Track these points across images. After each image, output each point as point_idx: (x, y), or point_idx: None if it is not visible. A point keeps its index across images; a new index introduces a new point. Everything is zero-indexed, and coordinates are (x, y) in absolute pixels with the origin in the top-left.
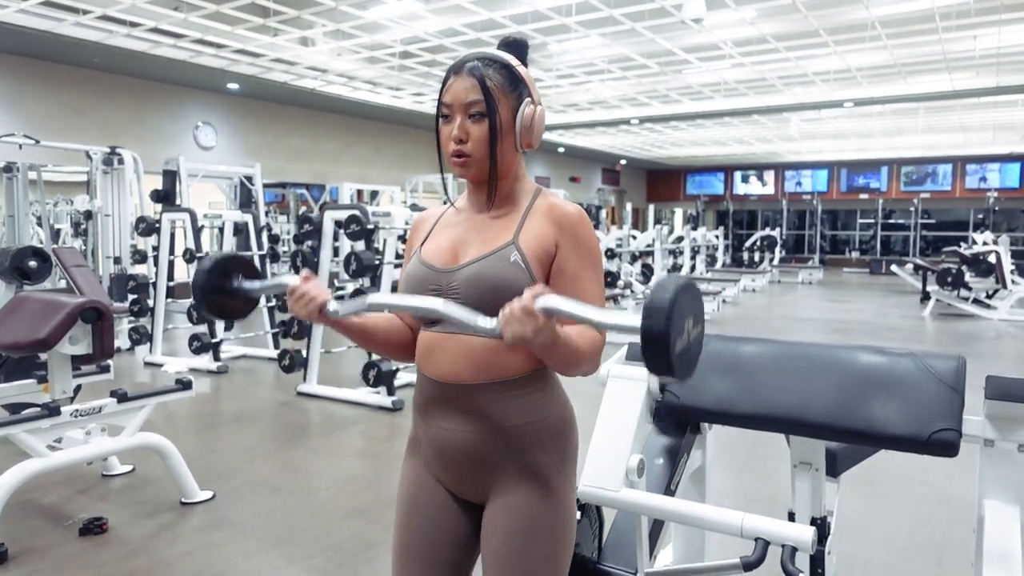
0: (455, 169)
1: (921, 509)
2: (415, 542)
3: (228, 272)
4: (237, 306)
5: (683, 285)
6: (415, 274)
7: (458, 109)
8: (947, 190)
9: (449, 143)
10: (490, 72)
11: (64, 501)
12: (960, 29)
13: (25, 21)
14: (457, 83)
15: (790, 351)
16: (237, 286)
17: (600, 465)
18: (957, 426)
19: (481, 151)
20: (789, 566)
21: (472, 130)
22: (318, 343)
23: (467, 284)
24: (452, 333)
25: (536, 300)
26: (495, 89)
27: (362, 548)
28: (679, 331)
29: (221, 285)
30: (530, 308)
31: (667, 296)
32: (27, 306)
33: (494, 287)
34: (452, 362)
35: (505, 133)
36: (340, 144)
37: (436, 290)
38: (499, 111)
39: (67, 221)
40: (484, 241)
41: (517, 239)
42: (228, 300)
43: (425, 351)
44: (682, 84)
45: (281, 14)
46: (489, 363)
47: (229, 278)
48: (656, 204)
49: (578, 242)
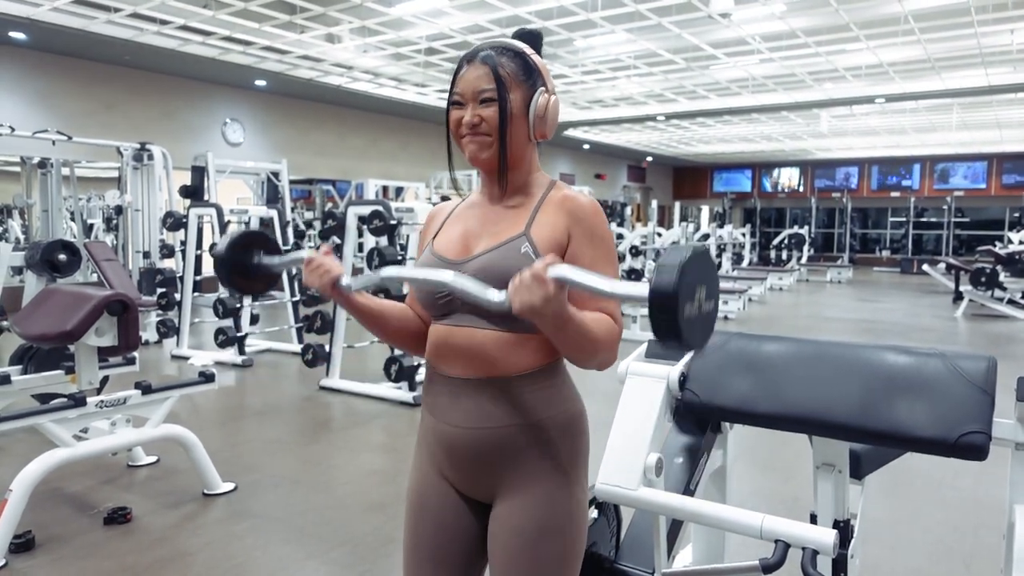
0: (469, 147)
1: (949, 514)
2: (425, 543)
3: (249, 247)
4: (258, 280)
5: (695, 251)
6: (426, 265)
7: (470, 98)
8: (982, 188)
9: (460, 129)
10: (503, 60)
11: (89, 490)
12: (996, 23)
13: (58, 19)
14: (469, 72)
15: (814, 350)
16: (258, 261)
17: (618, 463)
18: (987, 429)
19: (491, 135)
20: (810, 569)
21: (484, 114)
22: (341, 338)
23: (477, 274)
24: (462, 327)
25: (547, 268)
26: (507, 77)
27: (381, 543)
28: (688, 295)
29: (242, 259)
30: (540, 275)
31: (677, 259)
32: (55, 298)
33: (504, 277)
34: (462, 357)
35: (517, 119)
36: (366, 140)
37: None
38: (510, 98)
39: (99, 216)
40: (496, 233)
41: (529, 230)
42: (249, 274)
43: (435, 345)
44: (709, 80)
45: (308, 11)
46: (499, 359)
47: (250, 253)
48: (682, 201)
49: (592, 233)
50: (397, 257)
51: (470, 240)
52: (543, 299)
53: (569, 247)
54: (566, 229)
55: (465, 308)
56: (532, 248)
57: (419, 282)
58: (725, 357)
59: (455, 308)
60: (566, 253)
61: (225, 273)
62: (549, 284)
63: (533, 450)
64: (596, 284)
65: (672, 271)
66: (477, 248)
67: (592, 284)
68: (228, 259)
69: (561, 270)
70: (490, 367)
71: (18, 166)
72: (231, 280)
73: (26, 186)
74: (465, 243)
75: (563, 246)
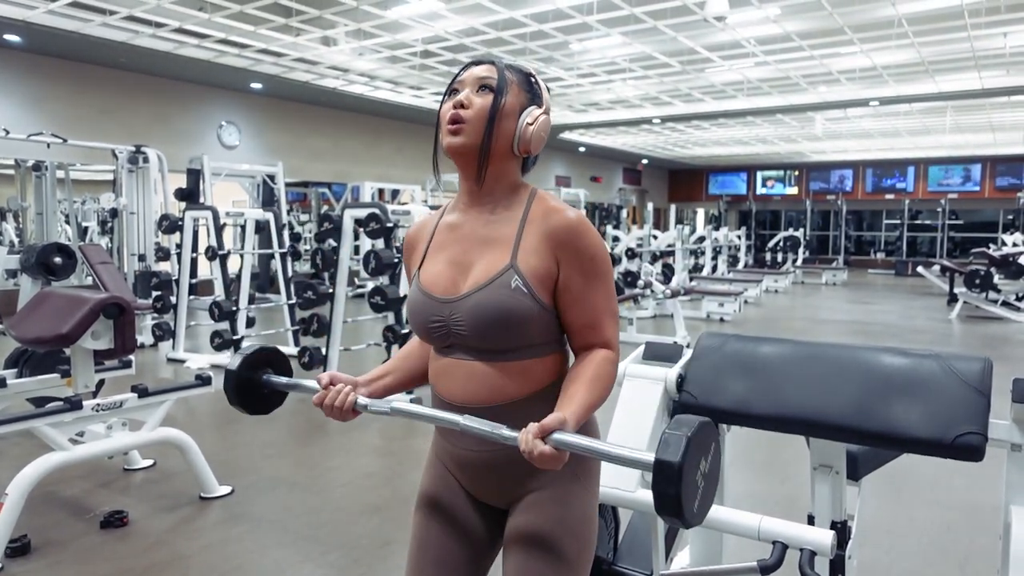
0: (449, 137)
1: (945, 514)
2: (434, 544)
3: (257, 366)
4: (266, 400)
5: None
6: (416, 303)
7: (468, 83)
8: (976, 190)
9: (446, 118)
10: (511, 70)
11: (86, 494)
12: (989, 26)
13: (53, 22)
14: (475, 67)
15: (811, 352)
16: (267, 379)
17: (616, 465)
18: (983, 430)
19: (479, 118)
20: (807, 570)
21: (475, 99)
22: (338, 340)
23: (470, 316)
24: (460, 359)
25: (548, 439)
26: (511, 80)
27: (378, 545)
28: (691, 488)
29: (251, 377)
30: (546, 455)
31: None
32: (51, 301)
33: (498, 318)
34: (464, 387)
35: (507, 116)
36: (361, 143)
37: (439, 321)
38: (507, 95)
39: (94, 219)
40: (483, 263)
41: (515, 260)
42: (257, 394)
43: (437, 376)
44: (704, 83)
45: (303, 14)
46: (499, 387)
47: (258, 371)
48: (678, 204)
49: (579, 255)
50: (394, 260)
51: (458, 271)
52: (553, 463)
53: (560, 275)
54: (553, 256)
55: (466, 344)
56: (522, 281)
57: (429, 420)
58: (722, 359)
59: (455, 344)
60: (558, 281)
61: (233, 392)
62: (556, 459)
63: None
64: (597, 447)
65: (678, 448)
66: (466, 283)
67: (593, 447)
68: (237, 377)
69: (561, 438)
70: (492, 395)
71: (13, 169)
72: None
73: (21, 189)
74: (452, 277)
75: (553, 275)
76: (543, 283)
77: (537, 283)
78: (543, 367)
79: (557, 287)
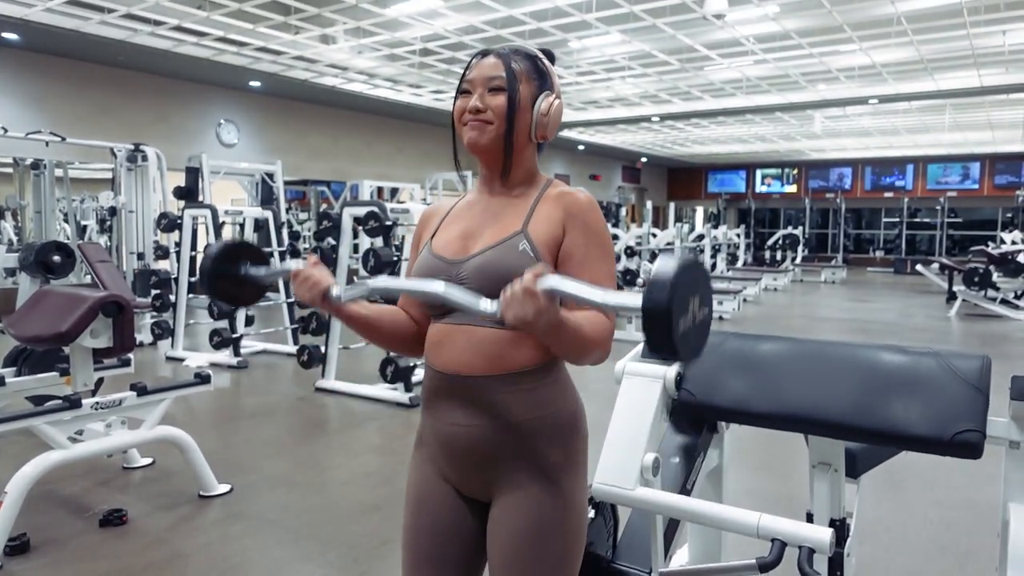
0: (470, 134)
1: (944, 512)
2: (424, 542)
3: (235, 258)
4: (244, 292)
5: (687, 262)
6: (425, 265)
7: (479, 83)
8: (975, 188)
9: (463, 116)
10: (516, 57)
11: (85, 492)
12: (989, 24)
13: (51, 20)
14: (482, 62)
15: (809, 349)
16: (244, 272)
17: (615, 463)
18: (981, 427)
19: (498, 118)
20: (806, 568)
21: (491, 101)
22: (337, 339)
23: (475, 273)
24: (461, 324)
25: (537, 280)
26: (519, 70)
27: (377, 544)
28: (682, 308)
29: (228, 271)
30: (531, 289)
31: (670, 271)
32: (49, 300)
33: (501, 276)
34: (460, 354)
35: (523, 111)
36: (361, 142)
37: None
38: (519, 88)
39: (93, 217)
40: (494, 230)
41: (526, 227)
42: (235, 286)
43: (434, 343)
44: (704, 81)
45: (302, 12)
46: (498, 355)
47: (236, 264)
48: (677, 202)
49: (587, 226)
50: (393, 258)
51: (469, 238)
52: (535, 312)
53: (564, 241)
54: (561, 223)
55: None
56: (530, 245)
57: (410, 292)
58: (721, 357)
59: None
60: (561, 246)
61: (211, 285)
62: (540, 297)
63: (531, 448)
64: (587, 295)
65: (665, 285)
66: (476, 246)
67: (583, 295)
68: (213, 271)
69: (551, 281)
70: (489, 364)
71: (11, 167)
72: (216, 290)
73: (19, 187)
74: (464, 241)
75: (559, 240)
76: (549, 249)
77: (544, 248)
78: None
79: (560, 254)
